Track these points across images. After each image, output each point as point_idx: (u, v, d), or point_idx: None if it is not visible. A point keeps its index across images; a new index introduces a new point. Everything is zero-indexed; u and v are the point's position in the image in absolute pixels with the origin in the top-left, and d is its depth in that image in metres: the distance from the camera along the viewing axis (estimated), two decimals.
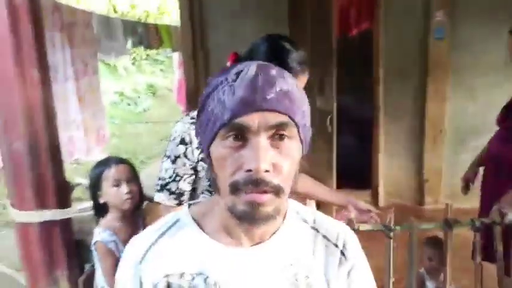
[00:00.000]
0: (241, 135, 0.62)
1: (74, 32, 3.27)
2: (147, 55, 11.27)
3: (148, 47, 4.67)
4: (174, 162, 1.33)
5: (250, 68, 0.63)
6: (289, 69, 1.29)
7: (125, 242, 1.64)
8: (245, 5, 3.99)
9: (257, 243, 0.72)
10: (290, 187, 0.67)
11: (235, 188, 0.62)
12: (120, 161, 1.77)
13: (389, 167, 4.21)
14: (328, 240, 0.76)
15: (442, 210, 1.69)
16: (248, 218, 0.63)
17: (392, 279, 1.73)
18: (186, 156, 1.32)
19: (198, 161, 1.33)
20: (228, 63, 1.33)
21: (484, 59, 3.85)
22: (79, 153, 3.31)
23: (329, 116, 3.61)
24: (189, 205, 0.78)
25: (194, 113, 1.36)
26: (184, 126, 1.33)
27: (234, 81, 0.62)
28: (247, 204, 0.62)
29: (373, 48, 4.07)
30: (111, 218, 1.70)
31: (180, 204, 1.37)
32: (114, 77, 10.05)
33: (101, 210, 1.73)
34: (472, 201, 2.50)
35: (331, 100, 3.59)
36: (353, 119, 4.74)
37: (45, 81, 1.96)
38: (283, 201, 0.65)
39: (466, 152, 4.07)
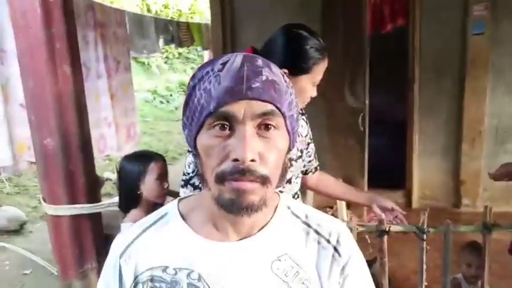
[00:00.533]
0: (228, 125, 0.63)
1: (107, 30, 3.32)
2: (179, 53, 11.41)
3: (180, 45, 4.71)
4: (196, 156, 1.31)
5: (236, 59, 0.64)
6: (308, 55, 1.29)
7: None
8: (275, 2, 3.95)
9: (244, 238, 0.71)
10: (277, 178, 0.67)
11: (221, 178, 0.62)
12: (160, 156, 1.81)
13: (424, 167, 4.07)
14: (321, 235, 0.74)
15: (480, 214, 1.60)
16: (234, 207, 0.63)
17: (425, 283, 1.66)
18: None
19: None
20: None
21: None
22: (110, 150, 3.37)
23: (361, 115, 3.53)
24: (180, 199, 0.78)
25: None
26: None
27: (220, 71, 0.63)
28: (233, 192, 0.62)
29: (409, 45, 3.94)
30: (137, 213, 1.71)
31: None
32: (147, 75, 10.25)
33: (130, 203, 1.74)
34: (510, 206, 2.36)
35: (362, 98, 3.51)
36: (386, 117, 4.62)
37: (77, 78, 2.00)
38: (269, 191, 0.65)
39: (505, 154, 3.90)
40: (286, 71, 1.26)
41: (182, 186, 1.34)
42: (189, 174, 1.31)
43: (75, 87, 1.97)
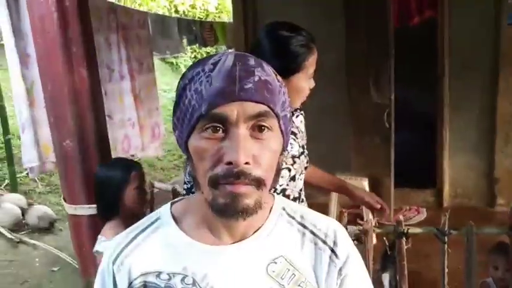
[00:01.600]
0: (220, 127, 0.61)
1: (129, 32, 3.38)
2: (207, 53, 11.50)
3: (204, 44, 4.73)
4: None
5: (228, 58, 0.62)
6: (294, 55, 1.26)
7: None
8: (299, 2, 3.89)
9: (239, 240, 0.70)
10: (272, 180, 0.65)
11: (215, 182, 0.61)
12: (139, 164, 1.84)
13: (456, 165, 3.91)
14: (317, 236, 0.73)
15: (503, 213, 1.50)
16: (228, 211, 0.62)
17: (447, 287, 1.58)
18: None
19: None
20: None
21: None
22: (134, 150, 3.43)
23: (386, 111, 3.42)
24: (172, 203, 0.76)
25: None
26: None
27: (211, 71, 0.61)
28: (227, 196, 0.61)
29: (438, 38, 3.78)
30: (116, 225, 1.69)
31: None
32: (176, 75, 10.39)
33: (110, 212, 1.73)
34: None
35: (388, 94, 3.39)
36: (413, 114, 4.46)
37: (94, 80, 2.03)
38: (264, 194, 0.64)
39: None
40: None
41: (184, 195, 1.32)
42: (190, 182, 1.29)
43: (92, 89, 2.00)
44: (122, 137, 3.27)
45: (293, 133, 1.28)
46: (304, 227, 0.73)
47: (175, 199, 0.78)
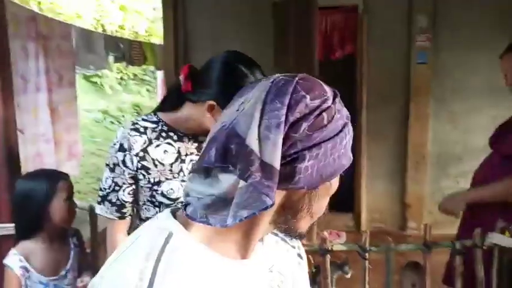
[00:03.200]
0: None
1: (50, 42, 3.17)
2: (134, 75, 11.22)
3: (131, 63, 4.60)
4: (112, 170, 1.25)
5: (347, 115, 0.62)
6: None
7: (46, 265, 1.54)
8: (228, 26, 3.97)
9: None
10: None
11: None
12: (66, 174, 1.67)
13: (373, 191, 4.15)
14: (287, 242, 0.74)
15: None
16: None
17: None
18: (124, 163, 1.24)
19: (137, 169, 1.24)
20: (181, 76, 1.23)
21: (465, 84, 3.87)
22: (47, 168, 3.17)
23: None
24: (173, 213, 0.64)
25: (141, 118, 1.30)
26: (124, 131, 1.25)
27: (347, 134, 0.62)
28: None
29: (357, 73, 4.07)
30: (37, 243, 1.55)
31: (122, 217, 1.29)
32: (99, 95, 9.94)
33: (33, 229, 1.56)
34: (455, 229, 2.44)
35: None
36: None
37: (6, 90, 1.87)
38: None
39: (447, 178, 4.05)
40: (214, 103, 1.17)
41: (99, 203, 1.28)
42: (105, 189, 1.27)
43: (3, 99, 1.83)
44: (33, 154, 3.00)
45: None
46: (276, 234, 0.73)
47: (173, 207, 0.66)
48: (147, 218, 1.28)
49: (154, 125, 1.27)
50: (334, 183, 0.62)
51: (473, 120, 3.92)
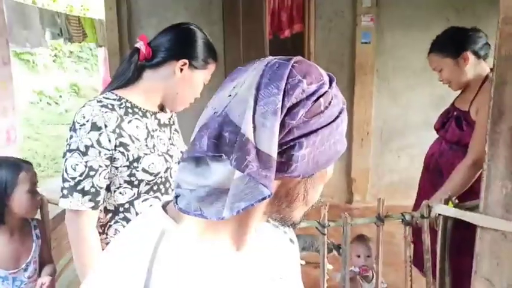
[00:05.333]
0: None
1: None
2: (71, 52, 10.56)
3: (70, 40, 4.32)
4: (84, 154, 1.13)
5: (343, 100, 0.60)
6: (205, 51, 1.26)
7: (6, 258, 1.47)
8: (177, 6, 3.85)
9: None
10: None
11: None
12: (29, 163, 1.57)
13: None
14: (278, 228, 0.71)
15: (370, 208, 1.71)
16: None
17: (326, 277, 1.72)
18: (99, 144, 1.14)
19: (115, 148, 1.16)
20: (139, 44, 1.24)
21: (405, 63, 4.07)
22: None
23: None
24: (163, 207, 0.61)
25: (101, 96, 1.23)
26: (93, 109, 1.16)
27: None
28: None
29: (304, 51, 4.13)
30: None
31: (95, 207, 1.17)
32: (33, 74, 9.28)
33: None
34: (396, 199, 2.61)
35: None
36: None
37: None
38: None
39: (390, 153, 4.30)
40: (186, 61, 1.23)
41: (65, 196, 1.14)
42: (75, 178, 1.13)
43: None
44: None
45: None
46: (268, 221, 0.69)
47: (163, 202, 0.63)
48: (120, 206, 1.23)
49: (118, 102, 1.21)
50: (330, 170, 0.60)
51: (413, 97, 4.16)
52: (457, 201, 1.61)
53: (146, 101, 1.26)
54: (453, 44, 1.86)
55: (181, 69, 1.23)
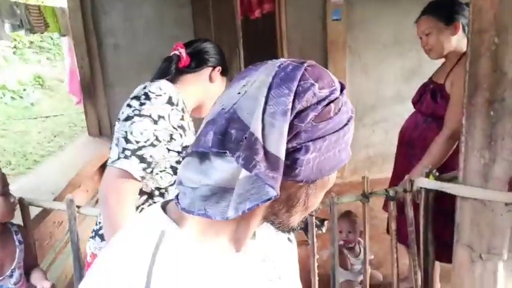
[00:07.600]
0: None
1: None
2: (31, 42, 10.10)
3: (32, 31, 4.12)
4: (155, 122, 1.13)
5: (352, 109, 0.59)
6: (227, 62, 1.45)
7: None
8: None
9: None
10: None
11: None
12: None
13: None
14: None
15: (348, 184, 1.74)
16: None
17: (317, 256, 1.76)
18: (169, 118, 1.17)
19: (178, 127, 1.20)
20: (182, 50, 1.32)
21: (376, 37, 4.10)
22: None
23: None
24: (163, 207, 0.60)
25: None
26: (168, 86, 1.22)
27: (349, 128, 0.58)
28: None
29: (276, 30, 4.10)
30: None
31: (144, 178, 1.14)
32: None
33: None
34: (373, 173, 2.64)
35: None
36: None
37: None
38: None
39: (364, 127, 4.37)
40: (219, 67, 1.38)
41: (124, 158, 1.11)
42: (139, 142, 1.13)
43: None
44: None
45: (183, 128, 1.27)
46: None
47: (163, 201, 0.62)
48: (156, 189, 1.23)
49: (174, 93, 1.26)
50: (332, 178, 0.59)
51: (384, 71, 4.21)
52: (437, 174, 1.66)
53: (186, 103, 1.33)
54: (450, 11, 1.88)
55: (216, 70, 1.37)
